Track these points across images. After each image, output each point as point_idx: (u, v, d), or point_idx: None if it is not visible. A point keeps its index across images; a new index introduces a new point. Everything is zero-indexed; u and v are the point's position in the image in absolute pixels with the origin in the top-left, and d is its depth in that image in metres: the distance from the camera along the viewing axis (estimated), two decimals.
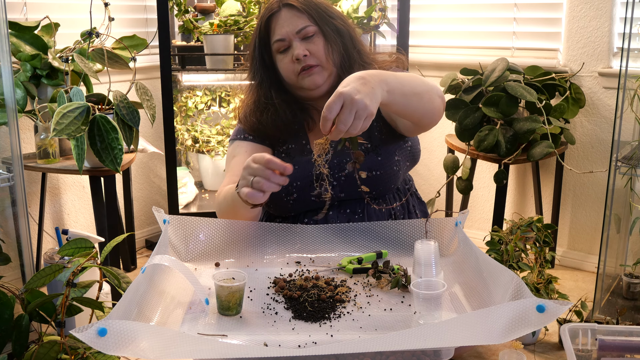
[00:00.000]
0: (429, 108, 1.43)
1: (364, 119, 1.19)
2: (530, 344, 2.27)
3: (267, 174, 1.26)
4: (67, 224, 2.96)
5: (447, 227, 1.46)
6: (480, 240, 2.46)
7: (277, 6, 1.58)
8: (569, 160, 2.94)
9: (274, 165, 1.26)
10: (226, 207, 1.48)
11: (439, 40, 3.28)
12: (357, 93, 1.19)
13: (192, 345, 0.99)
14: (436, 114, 1.47)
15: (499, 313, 0.98)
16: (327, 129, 1.20)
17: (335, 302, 1.24)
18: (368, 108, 1.19)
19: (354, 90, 1.19)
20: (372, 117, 1.21)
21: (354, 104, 1.18)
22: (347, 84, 1.21)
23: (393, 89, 1.29)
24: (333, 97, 1.18)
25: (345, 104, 1.18)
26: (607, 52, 2.79)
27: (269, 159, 1.26)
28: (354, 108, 1.18)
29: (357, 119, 1.19)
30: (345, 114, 1.18)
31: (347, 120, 1.18)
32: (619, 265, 2.45)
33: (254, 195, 1.27)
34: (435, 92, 1.45)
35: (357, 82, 1.21)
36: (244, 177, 1.29)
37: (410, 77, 1.40)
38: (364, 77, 1.24)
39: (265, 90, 1.63)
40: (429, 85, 1.43)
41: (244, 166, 1.30)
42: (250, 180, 1.27)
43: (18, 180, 1.93)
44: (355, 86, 1.20)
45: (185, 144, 3.25)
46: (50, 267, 1.56)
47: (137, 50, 2.52)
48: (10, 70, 1.88)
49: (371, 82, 1.23)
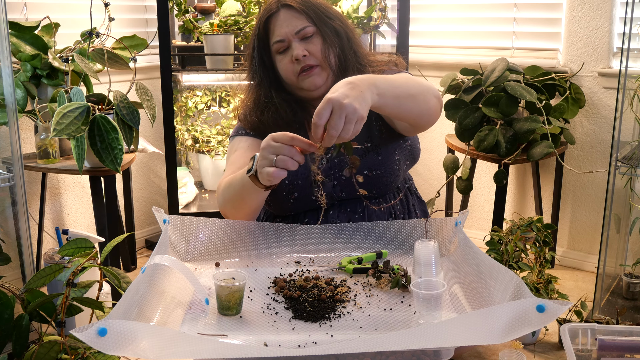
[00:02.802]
0: (424, 109, 1.43)
1: (355, 122, 1.20)
2: (530, 344, 2.27)
3: (292, 151, 1.24)
4: (67, 224, 2.96)
5: (447, 227, 1.46)
6: (480, 240, 2.46)
7: (275, 7, 1.58)
8: (568, 160, 2.94)
9: (298, 143, 1.24)
10: (232, 195, 1.47)
11: (439, 40, 3.28)
12: (345, 97, 1.19)
13: (192, 345, 0.99)
14: (432, 114, 1.47)
15: (499, 313, 0.98)
16: (318, 135, 1.20)
17: (335, 302, 1.24)
18: (357, 111, 1.19)
19: (342, 95, 1.19)
20: (363, 121, 1.21)
21: (342, 108, 1.18)
22: (335, 89, 1.22)
23: (384, 91, 1.29)
24: (322, 104, 1.19)
25: (334, 109, 1.18)
26: (607, 52, 2.79)
27: (294, 136, 1.24)
28: (343, 112, 1.18)
29: (348, 123, 1.19)
30: (335, 119, 1.18)
31: (338, 125, 1.18)
32: (618, 265, 2.45)
33: (279, 174, 1.25)
34: (431, 93, 1.45)
35: (345, 87, 1.22)
36: (265, 157, 1.26)
37: (404, 79, 1.40)
38: (352, 82, 1.24)
39: (265, 90, 1.63)
40: (423, 86, 1.43)
41: (263, 146, 1.27)
42: (274, 159, 1.25)
43: (18, 180, 1.93)
44: (343, 91, 1.20)
45: (185, 144, 3.25)
46: (50, 267, 1.56)
47: (137, 50, 2.52)
48: (11, 70, 1.88)
49: (360, 86, 1.24)
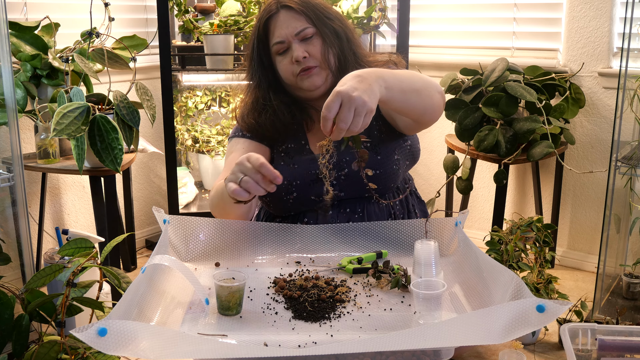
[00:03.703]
0: (428, 104, 1.43)
1: (364, 115, 1.20)
2: (530, 344, 2.27)
3: (257, 177, 1.24)
4: (67, 224, 2.96)
5: (447, 227, 1.46)
6: (480, 240, 2.46)
7: (275, 8, 1.58)
8: (568, 160, 2.94)
9: (265, 171, 1.24)
10: (217, 202, 1.51)
11: (439, 40, 3.28)
12: (354, 90, 1.19)
13: (192, 345, 0.99)
14: (436, 109, 1.47)
15: (499, 313, 0.98)
16: (328, 129, 1.20)
17: (335, 302, 1.24)
18: (367, 104, 1.19)
19: (351, 88, 1.19)
20: (372, 114, 1.21)
21: (352, 101, 1.18)
22: (344, 82, 1.22)
23: (391, 85, 1.29)
24: (331, 97, 1.19)
25: (343, 102, 1.18)
26: (607, 52, 2.79)
27: (262, 164, 1.24)
28: (352, 105, 1.18)
29: (357, 116, 1.19)
30: (344, 112, 1.18)
31: (347, 118, 1.18)
32: (618, 265, 2.45)
33: (239, 193, 1.26)
34: (434, 88, 1.45)
35: (354, 80, 1.22)
36: (234, 173, 1.27)
37: (409, 74, 1.40)
38: (360, 74, 1.24)
39: (264, 92, 1.63)
40: (427, 81, 1.44)
41: (237, 161, 1.28)
42: (240, 178, 1.26)
43: (18, 180, 1.93)
44: (352, 84, 1.20)
45: (185, 144, 3.25)
46: (50, 267, 1.56)
47: (137, 50, 2.52)
48: (11, 70, 1.88)
49: (368, 79, 1.24)
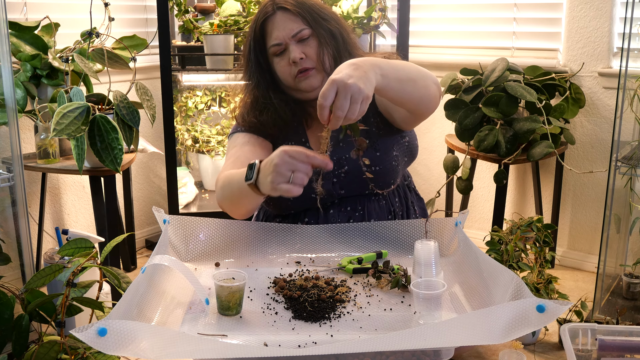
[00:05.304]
0: (424, 94, 1.43)
1: (360, 102, 1.20)
2: (530, 344, 2.27)
3: (308, 169, 1.22)
4: (67, 224, 2.96)
5: (447, 227, 1.46)
6: (480, 240, 2.46)
7: (271, 9, 1.57)
8: (569, 160, 2.94)
9: (315, 161, 1.21)
10: (230, 194, 1.45)
11: (439, 40, 3.28)
12: (349, 78, 1.19)
13: (192, 345, 0.99)
14: (432, 100, 1.46)
15: (499, 313, 0.98)
16: (325, 117, 1.20)
17: (335, 302, 1.24)
18: (362, 91, 1.19)
19: (346, 75, 1.19)
20: (368, 100, 1.21)
21: (347, 88, 1.18)
22: (339, 70, 1.22)
23: (387, 73, 1.29)
24: (327, 85, 1.19)
25: (339, 90, 1.18)
26: (607, 52, 2.79)
27: (311, 155, 1.21)
28: (348, 93, 1.18)
29: (354, 104, 1.19)
30: (340, 99, 1.18)
31: (344, 105, 1.18)
32: (619, 265, 2.45)
33: (295, 190, 1.22)
34: (430, 79, 1.44)
35: (349, 68, 1.22)
36: (281, 173, 1.22)
37: (404, 64, 1.40)
38: (355, 62, 1.24)
39: (263, 91, 1.63)
40: (423, 72, 1.43)
41: (277, 162, 1.22)
42: (290, 177, 1.22)
43: (18, 180, 1.93)
44: (347, 72, 1.21)
45: (185, 144, 3.25)
46: (50, 267, 1.56)
47: (137, 50, 2.52)
48: (10, 70, 1.88)
49: (363, 66, 1.24)
